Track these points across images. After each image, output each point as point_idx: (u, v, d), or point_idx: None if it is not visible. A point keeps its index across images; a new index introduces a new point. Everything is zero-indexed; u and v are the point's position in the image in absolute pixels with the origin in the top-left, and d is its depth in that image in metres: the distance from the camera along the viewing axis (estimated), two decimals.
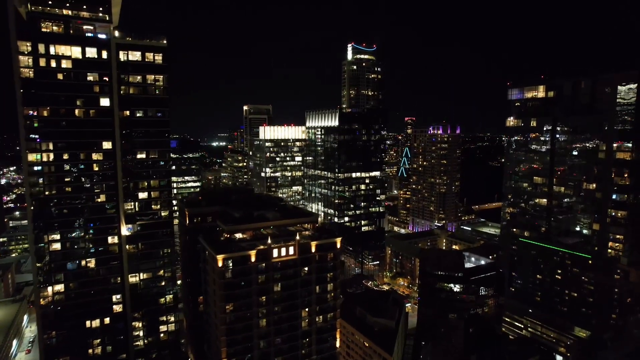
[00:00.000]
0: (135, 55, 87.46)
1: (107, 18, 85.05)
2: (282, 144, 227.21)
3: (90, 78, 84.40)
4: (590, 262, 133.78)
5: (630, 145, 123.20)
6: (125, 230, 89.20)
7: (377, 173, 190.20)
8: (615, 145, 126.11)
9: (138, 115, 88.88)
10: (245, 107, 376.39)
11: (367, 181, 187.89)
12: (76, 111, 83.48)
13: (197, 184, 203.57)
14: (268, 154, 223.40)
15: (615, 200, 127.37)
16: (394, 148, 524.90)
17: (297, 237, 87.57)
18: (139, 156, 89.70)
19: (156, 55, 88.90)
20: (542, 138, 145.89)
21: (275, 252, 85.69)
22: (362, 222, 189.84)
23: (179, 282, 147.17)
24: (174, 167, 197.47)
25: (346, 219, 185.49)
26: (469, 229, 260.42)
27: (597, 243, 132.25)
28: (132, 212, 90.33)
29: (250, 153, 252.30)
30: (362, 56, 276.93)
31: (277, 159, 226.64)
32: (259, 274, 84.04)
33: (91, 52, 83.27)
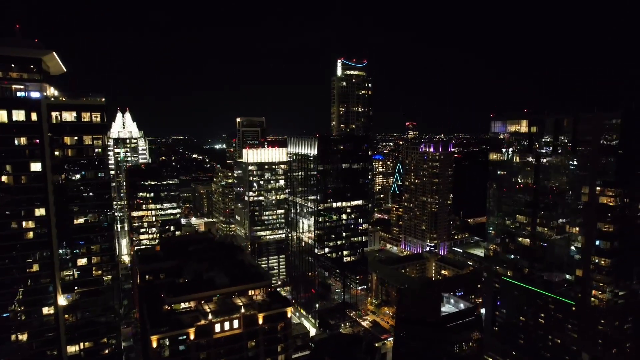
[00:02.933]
0: (71, 115, 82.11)
1: (38, 77, 79.73)
2: (267, 167, 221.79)
3: (20, 141, 79.30)
4: (573, 308, 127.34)
5: (613, 190, 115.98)
6: (62, 299, 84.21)
7: (359, 202, 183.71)
8: (598, 189, 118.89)
9: (74, 178, 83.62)
10: (238, 120, 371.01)
11: (349, 210, 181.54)
12: (4, 178, 78.42)
13: (177, 210, 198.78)
14: (251, 178, 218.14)
15: (598, 247, 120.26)
16: (391, 156, 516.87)
17: (242, 310, 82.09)
18: (76, 221, 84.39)
19: (94, 114, 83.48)
20: (525, 176, 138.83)
21: (217, 327, 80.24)
22: (344, 253, 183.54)
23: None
24: (152, 194, 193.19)
25: (327, 249, 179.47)
26: (461, 250, 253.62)
27: (581, 290, 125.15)
28: (71, 280, 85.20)
29: (236, 174, 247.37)
30: (352, 72, 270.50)
31: (261, 182, 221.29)
32: (200, 350, 78.70)
33: (19, 115, 78.05)
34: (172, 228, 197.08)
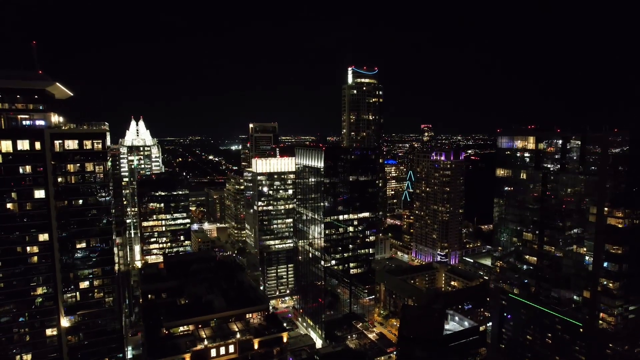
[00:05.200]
0: (73, 143, 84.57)
1: (43, 107, 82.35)
2: (276, 176, 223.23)
3: (25, 169, 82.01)
4: (581, 330, 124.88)
5: (622, 211, 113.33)
6: (65, 321, 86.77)
7: (366, 214, 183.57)
8: (606, 209, 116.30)
9: (76, 204, 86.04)
10: (251, 125, 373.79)
11: (356, 223, 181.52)
12: (9, 205, 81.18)
13: (187, 220, 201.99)
14: (260, 187, 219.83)
15: (606, 269, 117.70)
16: (406, 159, 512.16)
17: (238, 336, 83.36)
18: (78, 246, 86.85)
19: (95, 141, 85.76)
20: (532, 193, 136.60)
21: (213, 352, 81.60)
22: (351, 265, 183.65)
23: None
24: (162, 205, 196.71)
25: (334, 262, 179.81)
26: (472, 260, 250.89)
27: (588, 311, 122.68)
28: (74, 302, 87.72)
29: (245, 183, 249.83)
30: (363, 80, 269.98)
31: (271, 191, 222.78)
32: None
33: (24, 144, 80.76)
34: (182, 237, 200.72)
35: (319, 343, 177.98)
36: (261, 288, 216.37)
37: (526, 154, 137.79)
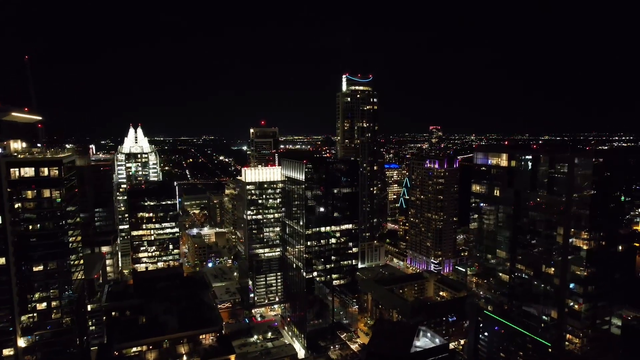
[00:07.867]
0: (30, 170, 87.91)
1: None
2: (265, 185, 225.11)
3: None
4: (550, 350, 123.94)
5: (587, 233, 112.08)
6: (22, 341, 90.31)
7: (348, 226, 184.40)
8: (572, 230, 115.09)
9: (34, 228, 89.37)
10: (251, 130, 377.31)
11: (338, 234, 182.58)
12: None
13: (175, 230, 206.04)
14: (249, 197, 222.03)
15: (572, 291, 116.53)
16: (410, 164, 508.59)
17: (185, 358, 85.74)
18: (35, 269, 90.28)
19: (52, 168, 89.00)
20: (505, 210, 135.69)
21: None
22: (334, 276, 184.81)
23: None
24: (151, 214, 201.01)
25: (315, 273, 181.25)
26: (464, 270, 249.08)
27: (556, 332, 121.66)
28: (30, 323, 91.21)
29: (235, 191, 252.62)
30: (357, 87, 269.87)
31: (260, 200, 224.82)
32: None
33: None
34: (171, 246, 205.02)
35: (301, 353, 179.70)
36: (251, 295, 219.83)
37: (499, 172, 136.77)
